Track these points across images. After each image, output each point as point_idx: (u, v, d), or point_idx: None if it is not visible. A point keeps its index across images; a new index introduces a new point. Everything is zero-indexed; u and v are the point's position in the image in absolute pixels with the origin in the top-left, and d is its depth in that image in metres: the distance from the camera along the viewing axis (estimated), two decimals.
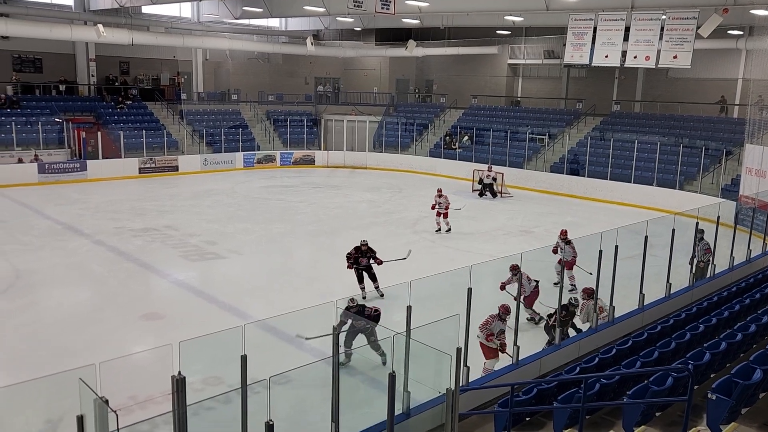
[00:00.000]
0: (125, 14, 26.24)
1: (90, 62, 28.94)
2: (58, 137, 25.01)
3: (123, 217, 17.50)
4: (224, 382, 7.81)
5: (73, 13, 26.54)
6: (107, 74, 29.83)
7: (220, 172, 26.84)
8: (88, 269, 13.00)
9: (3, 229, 15.79)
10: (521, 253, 8.47)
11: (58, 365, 8.32)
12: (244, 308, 10.82)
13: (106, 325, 10.11)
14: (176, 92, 30.87)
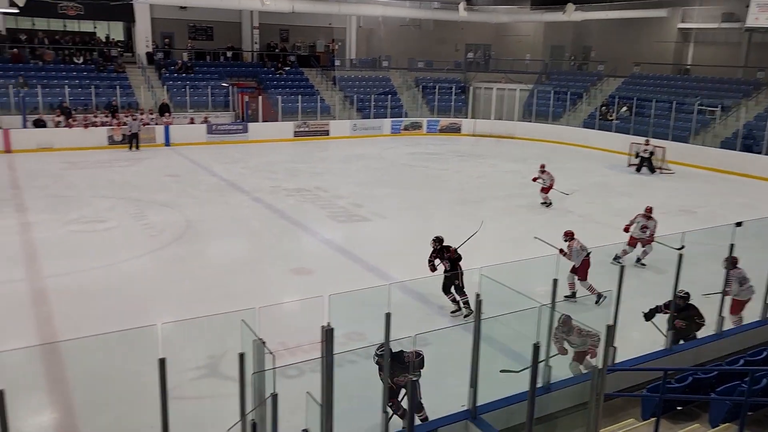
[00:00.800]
0: None
1: (254, 30, 30.76)
2: (224, 101, 27.02)
3: (278, 177, 18.61)
4: (367, 338, 8.10)
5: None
6: (269, 41, 31.55)
7: (368, 137, 27.54)
8: (247, 223, 14.02)
9: (177, 183, 17.48)
10: (683, 233, 7.82)
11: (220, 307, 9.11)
12: (386, 269, 11.09)
13: (261, 274, 10.88)
14: (330, 59, 31.94)
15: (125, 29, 30.03)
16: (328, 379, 4.70)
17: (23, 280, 10.00)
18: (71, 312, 8.90)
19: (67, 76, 25.06)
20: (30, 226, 12.88)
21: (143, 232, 12.89)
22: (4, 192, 15.83)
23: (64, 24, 28.32)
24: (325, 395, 4.65)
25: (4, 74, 23.98)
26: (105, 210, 14.45)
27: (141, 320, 8.75)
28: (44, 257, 11.17)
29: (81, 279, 10.19)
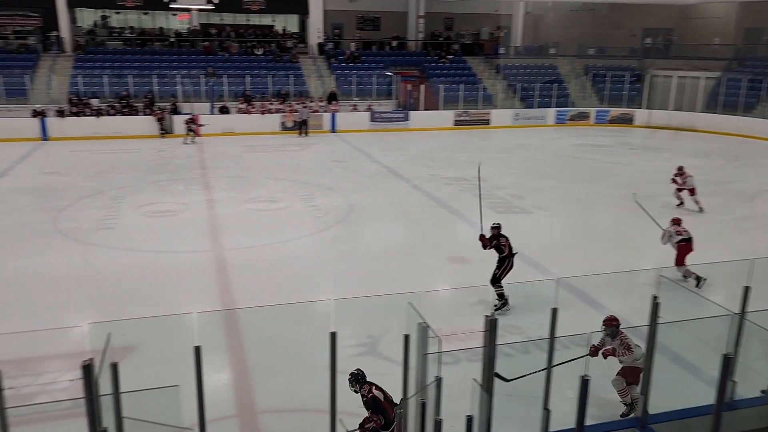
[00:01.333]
0: None
1: (419, 19, 31.12)
2: (387, 89, 27.71)
3: (437, 166, 18.73)
4: (525, 333, 7.90)
5: None
6: (433, 30, 31.76)
7: (531, 127, 26.74)
8: (405, 210, 14.29)
9: (341, 168, 18.29)
10: None
11: (378, 289, 9.41)
12: (545, 263, 10.71)
13: (418, 260, 11.02)
14: (495, 47, 31.40)
15: (300, 21, 31.88)
16: (489, 369, 4.63)
17: (209, 251, 11.05)
18: (247, 283, 9.68)
19: (248, 67, 27.23)
20: (214, 203, 14.20)
21: (310, 214, 13.65)
22: (194, 171, 17.61)
23: (247, 18, 30.74)
24: (486, 384, 4.58)
25: (196, 65, 26.63)
26: (277, 191, 15.52)
27: (305, 296, 9.30)
28: (225, 232, 12.26)
29: (255, 253, 11.04)
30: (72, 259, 10.77)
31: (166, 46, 28.69)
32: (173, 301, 9.00)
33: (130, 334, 5.22)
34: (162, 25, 29.93)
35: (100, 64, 25.91)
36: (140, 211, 13.56)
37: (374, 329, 7.58)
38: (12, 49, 25.98)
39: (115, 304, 8.77)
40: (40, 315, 8.38)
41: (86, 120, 22.77)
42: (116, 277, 9.82)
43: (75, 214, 13.21)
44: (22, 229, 12.18)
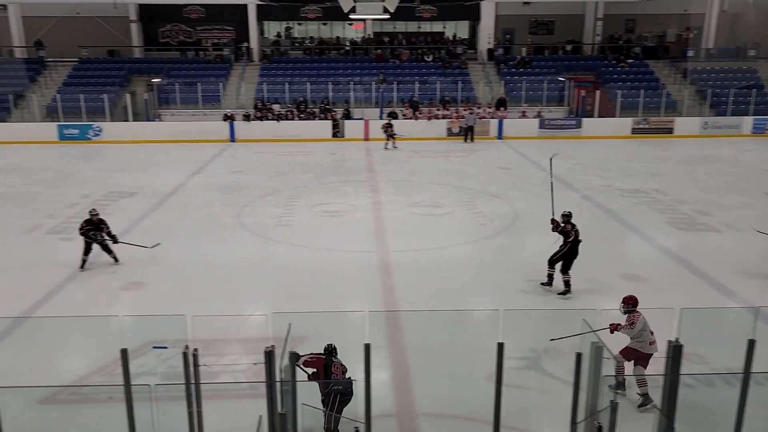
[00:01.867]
0: None
1: (597, 22, 29.64)
2: (559, 95, 26.72)
3: (611, 176, 17.66)
4: (708, 363, 7.15)
5: None
6: (612, 33, 30.06)
7: (722, 137, 24.25)
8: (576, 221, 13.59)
9: (507, 176, 17.95)
10: None
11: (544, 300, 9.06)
12: (737, 289, 9.60)
13: (588, 274, 10.41)
14: (682, 49, 28.94)
15: (470, 27, 31.89)
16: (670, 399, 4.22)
17: (374, 252, 11.40)
18: (409, 285, 9.82)
19: (417, 73, 27.78)
20: (381, 206, 14.64)
21: (474, 220, 13.54)
22: (363, 174, 18.31)
23: (418, 26, 31.39)
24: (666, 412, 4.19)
25: (368, 72, 27.73)
26: (442, 196, 15.60)
27: (466, 302, 9.22)
28: (390, 234, 12.57)
29: (418, 256, 11.18)
30: (253, 252, 11.70)
31: (342, 55, 30.24)
32: (340, 296, 9.39)
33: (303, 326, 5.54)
34: (339, 34, 31.60)
35: (282, 72, 28.00)
36: (313, 210, 14.37)
37: (538, 342, 7.29)
38: (209, 60, 28.99)
39: (288, 296, 9.36)
40: (223, 300, 9.20)
41: (268, 124, 24.71)
42: (290, 270, 10.49)
43: (256, 210, 14.36)
44: (212, 221, 13.48)
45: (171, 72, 27.49)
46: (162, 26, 30.74)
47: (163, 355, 5.99)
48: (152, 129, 24.65)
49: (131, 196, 15.50)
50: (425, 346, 7.50)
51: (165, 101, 26.19)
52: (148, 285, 9.86)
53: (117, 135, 24.24)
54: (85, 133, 24.22)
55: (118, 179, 17.53)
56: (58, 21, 29.72)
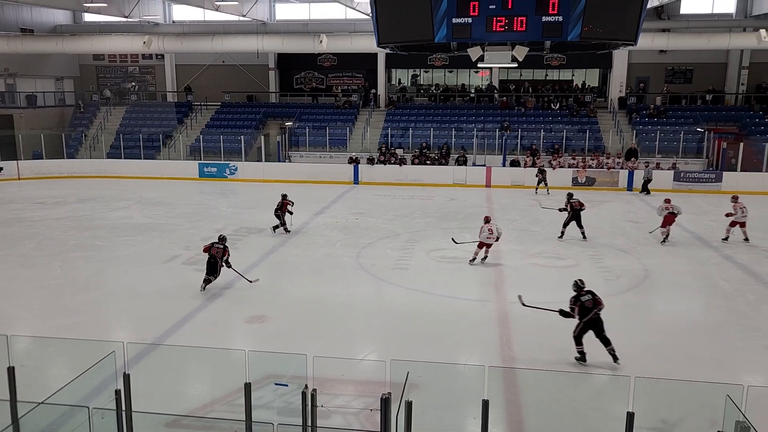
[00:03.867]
0: None
1: (742, 70, 27.77)
2: (696, 146, 25.13)
3: (758, 235, 16.13)
4: None
5: (732, 21, 25.92)
6: (759, 82, 27.98)
7: None
8: (713, 282, 12.55)
9: (637, 229, 16.99)
10: None
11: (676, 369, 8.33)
12: None
13: (729, 344, 9.50)
14: None
15: (600, 75, 31.01)
16: None
17: (492, 301, 11.14)
18: (528, 339, 9.44)
19: (543, 121, 27.33)
20: (500, 255, 14.31)
21: (599, 275, 12.85)
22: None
23: (545, 73, 31.01)
24: None
25: (492, 119, 27.68)
26: (564, 248, 15.01)
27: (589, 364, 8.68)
28: (509, 284, 12.23)
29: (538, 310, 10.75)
30: (370, 293, 11.85)
31: (466, 101, 30.48)
32: (455, 345, 9.22)
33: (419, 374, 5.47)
34: (464, 81, 31.94)
35: (407, 118, 28.67)
36: (431, 255, 14.36)
37: (671, 414, 6.68)
38: (338, 105, 30.36)
39: (402, 340, 9.33)
40: (340, 339, 9.34)
41: (390, 168, 25.27)
42: (405, 314, 10.48)
43: (374, 251, 14.58)
44: (332, 260, 13.85)
45: (303, 116, 29.07)
46: (297, 73, 32.72)
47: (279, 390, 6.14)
48: (282, 169, 26.06)
49: (260, 232, 16.35)
50: (544, 405, 7.12)
51: (295, 143, 27.66)
52: (270, 319, 10.25)
53: (250, 174, 25.86)
54: (223, 171, 26.08)
55: (249, 215, 18.59)
56: (206, 69, 32.60)
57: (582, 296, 8.61)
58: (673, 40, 24.97)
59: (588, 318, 8.48)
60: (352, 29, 27.25)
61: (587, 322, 8.51)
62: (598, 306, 8.51)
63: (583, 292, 8.64)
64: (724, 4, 26.53)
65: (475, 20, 10.52)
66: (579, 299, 8.61)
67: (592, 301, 8.55)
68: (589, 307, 8.50)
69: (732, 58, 28.14)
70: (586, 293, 8.62)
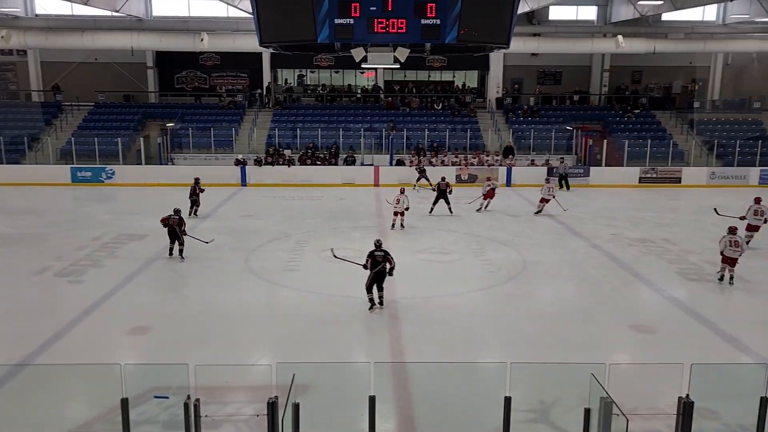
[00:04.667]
0: (644, 23, 26.22)
1: (603, 73, 30.12)
2: (566, 144, 26.94)
3: (620, 225, 17.63)
4: (721, 419, 6.97)
5: (594, 27, 28.03)
6: (618, 84, 30.49)
7: (730, 187, 24.25)
8: (583, 270, 13.54)
9: (515, 223, 17.95)
10: None
11: (552, 353, 8.93)
12: (749, 343, 9.44)
13: (596, 325, 10.31)
14: (688, 101, 29.30)
15: (479, 77, 32.44)
16: None
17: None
18: (417, 334, 9.73)
19: (427, 121, 28.17)
20: (389, 251, 14.58)
21: (482, 267, 13.49)
22: (371, 220, 18.37)
23: (428, 75, 31.98)
24: None
25: (379, 119, 28.15)
26: (450, 243, 15.59)
27: (474, 353, 9.12)
28: (398, 281, 12.48)
29: (426, 305, 11.11)
30: (260, 297, 11.67)
31: (353, 102, 30.77)
32: (347, 344, 9.32)
33: (308, 376, 5.47)
34: (350, 82, 32.22)
35: (294, 118, 28.48)
36: (321, 255, 14.37)
37: (547, 396, 7.15)
38: (223, 106, 29.57)
39: (294, 343, 9.29)
40: (230, 346, 9.14)
41: (279, 168, 24.99)
42: (297, 316, 10.43)
43: (264, 254, 14.38)
44: (220, 265, 13.50)
45: (185, 117, 28.02)
46: (178, 72, 31.48)
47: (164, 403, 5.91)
48: (164, 172, 24.97)
49: (141, 239, 15.59)
50: (432, 397, 7.37)
51: (178, 145, 26.61)
52: (153, 330, 9.81)
53: (129, 178, 24.56)
54: (98, 176, 24.56)
55: (129, 221, 17.66)
56: (76, 66, 30.52)
57: (376, 252, 10.49)
58: (542, 44, 26.61)
59: (377, 270, 10.36)
60: (235, 28, 26.62)
61: (376, 274, 10.40)
62: (386, 261, 10.40)
63: (378, 250, 10.54)
64: (587, 12, 28.63)
65: (356, 21, 10.67)
66: (373, 254, 10.48)
67: (382, 257, 10.43)
68: (379, 261, 10.39)
69: (595, 61, 30.46)
70: (379, 250, 10.53)
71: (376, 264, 10.38)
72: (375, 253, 10.49)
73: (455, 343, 9.30)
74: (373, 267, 10.38)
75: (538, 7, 24.06)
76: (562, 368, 5.75)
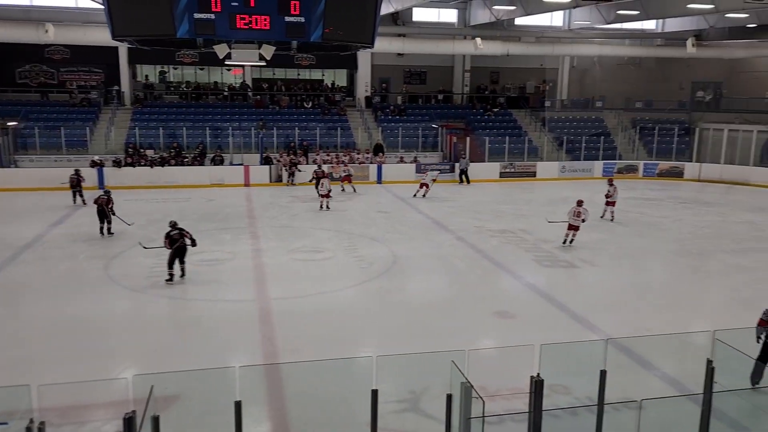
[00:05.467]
0: (500, 27, 27.86)
1: (465, 73, 31.60)
2: (433, 141, 27.98)
3: (483, 218, 18.62)
4: (572, 393, 7.61)
5: (455, 29, 29.32)
6: (479, 84, 32.15)
7: (578, 180, 26.46)
8: (450, 262, 14.17)
9: (386, 219, 18.37)
10: None
11: (421, 343, 9.25)
12: (596, 321, 10.38)
13: (463, 314, 10.84)
14: (540, 100, 31.53)
15: (348, 76, 32.76)
16: None
17: (253, 300, 11.16)
18: (290, 333, 9.69)
19: (297, 119, 27.99)
20: (260, 252, 14.40)
21: (355, 264, 13.68)
22: (242, 221, 17.96)
23: (297, 73, 31.78)
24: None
25: (248, 118, 27.54)
26: (323, 241, 15.65)
27: (348, 348, 9.23)
28: (271, 281, 12.37)
29: (299, 303, 11.08)
30: (123, 307, 11.02)
31: (220, 100, 29.84)
32: (218, 350, 9.06)
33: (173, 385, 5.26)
34: (216, 79, 31.22)
35: (157, 117, 27.10)
36: (189, 259, 13.82)
37: (416, 385, 7.43)
38: (75, 103, 27.45)
39: (163, 353, 8.88)
40: (90, 361, 8.54)
41: (141, 170, 23.67)
42: (164, 325, 9.99)
43: (126, 261, 13.59)
44: (76, 275, 12.57)
45: (30, 115, 25.67)
46: (20, 66, 28.73)
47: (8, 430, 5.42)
48: (7, 176, 22.75)
49: None
50: (305, 396, 7.39)
51: (23, 146, 24.36)
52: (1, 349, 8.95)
53: None
54: None
55: None
56: None
57: (171, 232, 11.57)
58: (407, 44, 27.42)
59: (176, 246, 11.50)
60: (86, 19, 24.76)
61: (176, 250, 11.54)
62: (183, 237, 11.56)
63: (174, 230, 11.60)
64: (448, 14, 29.87)
65: (218, 16, 10.33)
66: (169, 234, 11.58)
67: (178, 234, 11.54)
68: (176, 239, 11.49)
69: (457, 62, 31.88)
70: (174, 229, 11.61)
71: (174, 242, 11.52)
72: (171, 233, 11.58)
73: (330, 340, 9.37)
74: (172, 245, 11.52)
75: (402, 8, 24.71)
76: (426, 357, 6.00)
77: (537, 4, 22.19)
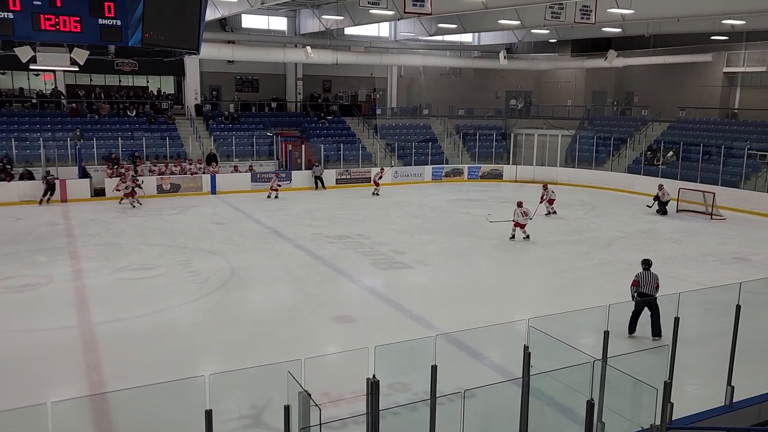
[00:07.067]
0: (330, 36, 28.34)
1: (298, 81, 31.69)
2: (268, 149, 27.67)
3: (320, 224, 18.78)
4: (411, 389, 7.95)
5: (285, 37, 29.30)
6: (312, 92, 32.41)
7: (410, 184, 27.70)
8: (290, 271, 14.11)
9: (222, 230, 17.80)
10: (740, 283, 7.51)
11: (264, 355, 9.12)
12: (431, 318, 10.94)
13: (304, 323, 10.86)
14: (371, 108, 32.56)
15: (175, 83, 31.29)
16: None
17: (74, 326, 10.22)
18: (119, 359, 9.03)
19: (120, 129, 26.14)
20: (82, 274, 13.24)
21: (190, 279, 13.10)
22: (59, 240, 16.37)
23: (119, 79, 29.70)
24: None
25: (62, 128, 25.16)
26: (153, 257, 14.77)
27: (186, 368, 8.82)
28: (95, 304, 11.42)
29: (129, 326, 10.37)
30: None
31: (28, 108, 26.92)
32: (35, 385, 8.17)
33: None
34: (23, 85, 28.16)
35: None
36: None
37: (258, 400, 7.30)
38: None
39: None
40: None
41: None
42: None
43: None
44: None
45: None
46: None
47: None
48: None
49: None
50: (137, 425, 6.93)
51: None
52: None
53: None
54: None
55: None
56: None
57: None
58: (237, 51, 26.88)
59: None
60: None
61: None
62: None
63: None
64: (278, 22, 29.78)
65: (17, 16, 9.34)
66: None
67: None
68: None
69: (289, 70, 31.86)
70: None
71: None
72: None
73: (165, 363, 8.87)
74: None
75: (229, 14, 24.17)
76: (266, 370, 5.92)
77: (364, 15, 22.89)
